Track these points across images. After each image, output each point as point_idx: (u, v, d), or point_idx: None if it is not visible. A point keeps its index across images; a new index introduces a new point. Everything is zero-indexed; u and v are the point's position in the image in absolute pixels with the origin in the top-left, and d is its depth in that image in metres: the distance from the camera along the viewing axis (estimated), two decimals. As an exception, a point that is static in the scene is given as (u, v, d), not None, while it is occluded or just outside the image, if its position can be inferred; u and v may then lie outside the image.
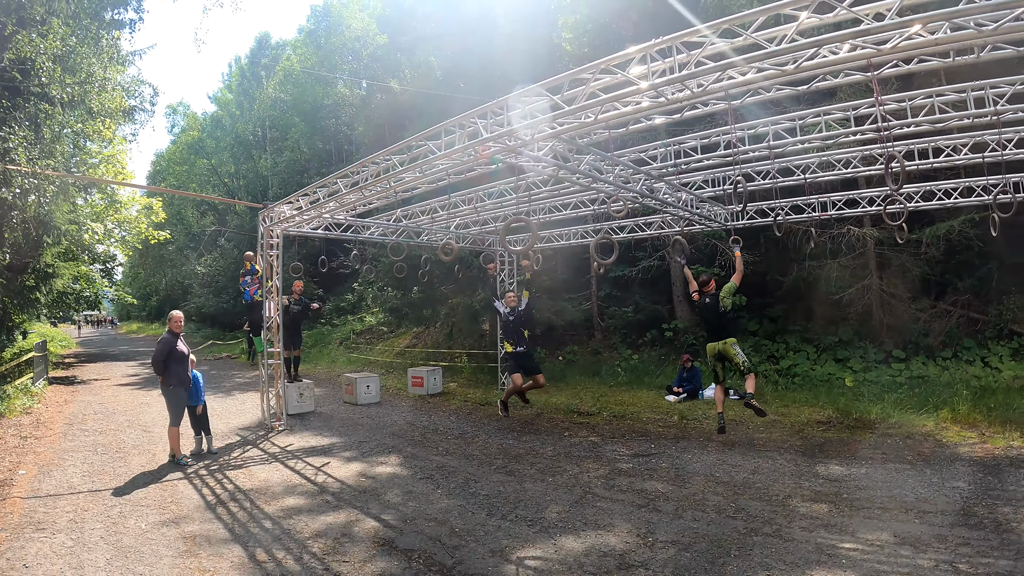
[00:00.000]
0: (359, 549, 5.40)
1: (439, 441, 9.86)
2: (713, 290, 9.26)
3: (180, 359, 8.63)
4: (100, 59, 12.59)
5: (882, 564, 4.83)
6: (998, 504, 6.08)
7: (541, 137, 5.87)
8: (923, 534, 5.42)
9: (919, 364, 13.09)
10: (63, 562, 5.22)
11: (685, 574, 4.78)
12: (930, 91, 7.20)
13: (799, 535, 5.50)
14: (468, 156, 6.50)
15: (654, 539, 5.49)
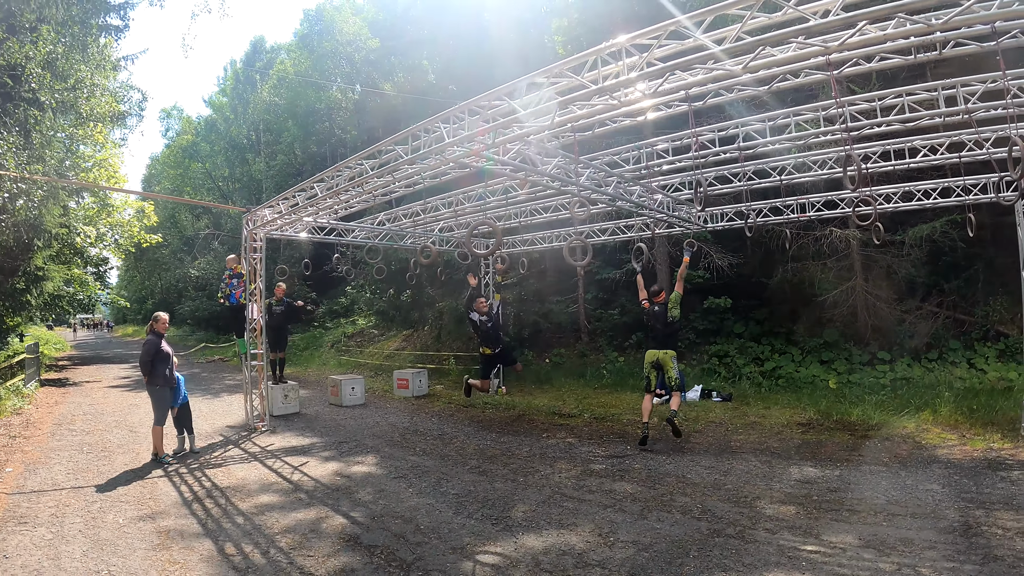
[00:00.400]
0: (325, 544, 5.63)
1: (417, 442, 10.08)
2: (663, 300, 9.48)
3: (164, 359, 8.93)
4: (89, 65, 12.84)
5: (842, 567, 4.88)
6: (970, 507, 6.12)
7: (503, 141, 6.09)
8: (889, 537, 5.46)
9: (904, 366, 13.21)
10: (41, 553, 5.46)
11: (641, 574, 4.90)
12: (900, 90, 7.22)
13: (762, 537, 5.59)
14: (434, 160, 6.74)
15: (615, 539, 5.62)
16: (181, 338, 43.66)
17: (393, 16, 26.35)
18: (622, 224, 12.64)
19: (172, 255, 44.44)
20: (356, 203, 9.99)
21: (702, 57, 4.57)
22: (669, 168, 9.30)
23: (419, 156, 6.56)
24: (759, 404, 12.17)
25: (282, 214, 10.12)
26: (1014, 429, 8.89)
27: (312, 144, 34.34)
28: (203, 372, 22.74)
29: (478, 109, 5.95)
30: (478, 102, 5.85)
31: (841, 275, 14.23)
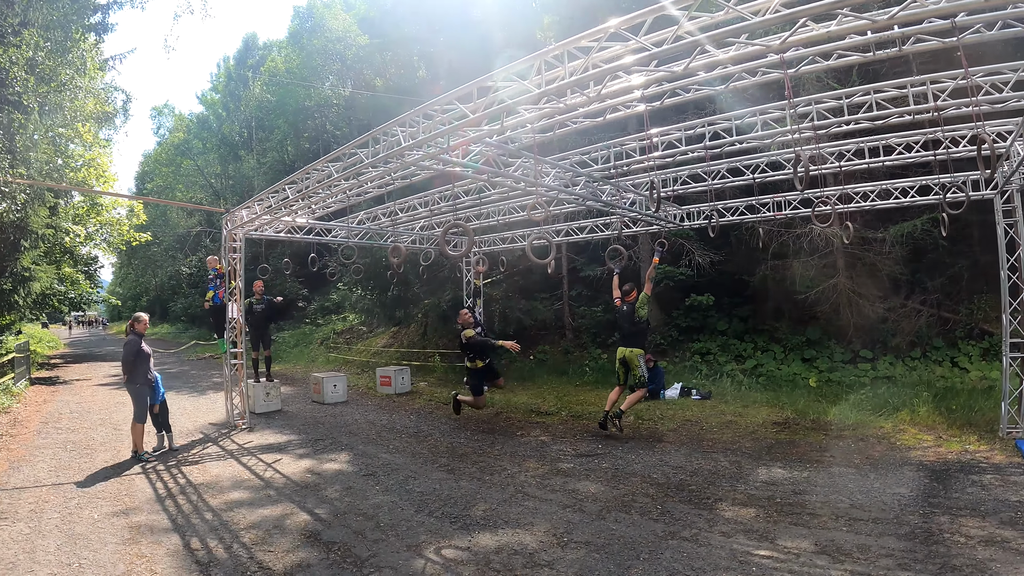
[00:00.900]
0: (286, 540, 5.90)
1: (392, 439, 10.35)
2: (633, 299, 9.78)
3: (145, 359, 9.22)
4: (73, 67, 13.10)
5: (792, 573, 4.92)
6: (936, 513, 6.08)
7: (458, 143, 6.32)
8: (846, 543, 5.45)
9: (886, 364, 13.34)
10: (18, 547, 5.76)
11: (583, 571, 5.05)
12: (868, 87, 7.29)
13: (716, 540, 5.64)
14: (393, 162, 6.99)
15: (569, 539, 5.75)
16: (174, 335, 44.04)
17: (382, 12, 26.48)
18: (600, 223, 12.87)
19: (164, 253, 44.79)
20: (332, 203, 10.27)
21: (644, 59, 4.67)
22: (638, 167, 9.47)
23: (378, 160, 6.82)
24: (737, 402, 12.29)
25: (258, 215, 10.38)
26: (992, 430, 8.92)
27: (304, 141, 34.59)
28: (192, 370, 23.08)
29: (432, 113, 6.18)
30: (431, 106, 6.06)
31: (824, 272, 14.33)
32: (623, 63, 4.68)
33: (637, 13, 4.52)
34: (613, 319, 12.42)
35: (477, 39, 20.56)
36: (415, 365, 18.50)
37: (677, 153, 8.39)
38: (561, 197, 8.96)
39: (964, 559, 5.00)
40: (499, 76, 5.27)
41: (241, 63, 46.59)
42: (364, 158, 7.11)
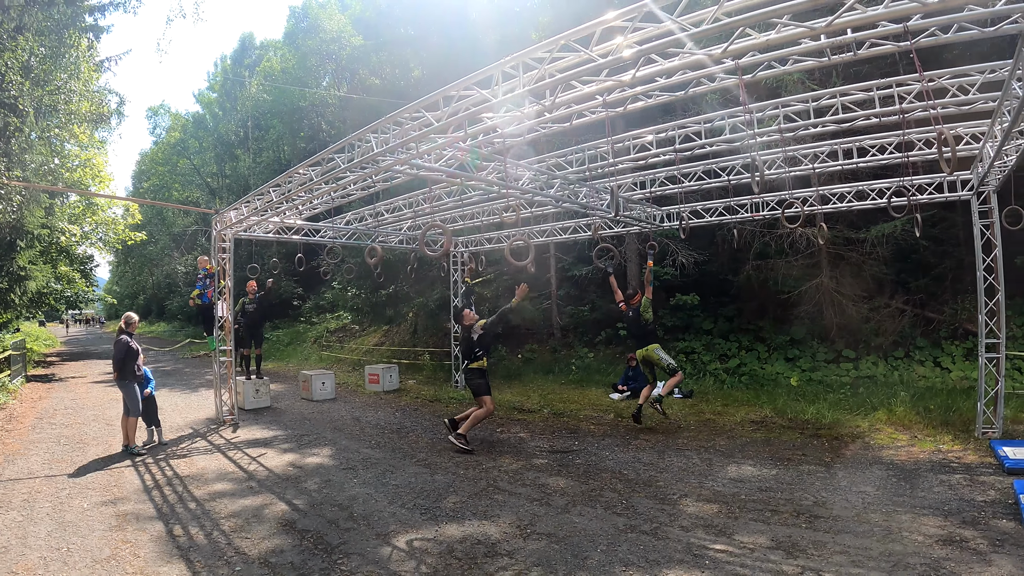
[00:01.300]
0: (263, 528, 6.27)
1: (375, 435, 10.74)
2: (637, 303, 10.14)
3: (134, 356, 9.61)
4: (68, 70, 13.50)
5: (744, 567, 5.05)
6: (898, 511, 6.20)
7: (428, 149, 6.69)
8: (803, 539, 5.59)
9: (869, 364, 13.57)
10: (11, 533, 6.15)
11: (544, 564, 5.24)
12: (834, 91, 7.51)
13: (674, 534, 5.84)
14: (369, 167, 7.38)
15: (532, 531, 6.01)
16: (170, 334, 44.47)
17: (377, 13, 26.84)
18: (583, 223, 13.22)
19: (161, 251, 45.30)
20: (318, 205, 10.65)
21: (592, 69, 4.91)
22: (612, 170, 9.77)
23: (354, 165, 7.21)
24: (718, 401, 12.55)
25: (246, 216, 10.76)
26: (968, 431, 9.06)
27: (300, 141, 34.94)
28: (186, 368, 23.51)
29: (402, 120, 6.54)
30: (401, 114, 6.43)
31: (808, 272, 14.60)
32: (576, 72, 4.96)
33: (586, 25, 4.76)
34: (613, 318, 12.70)
35: (471, 39, 20.92)
36: (405, 363, 18.89)
37: (650, 156, 8.71)
38: (537, 199, 9.29)
39: (919, 557, 5.11)
40: (461, 87, 5.62)
41: (238, 63, 46.95)
42: (341, 163, 7.50)
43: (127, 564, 5.42)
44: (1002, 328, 9.03)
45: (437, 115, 5.91)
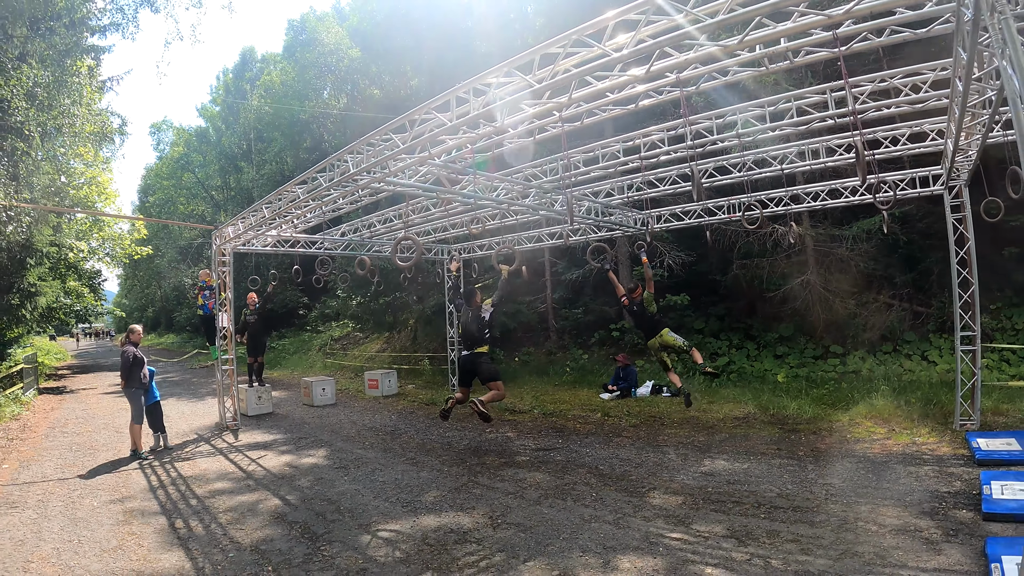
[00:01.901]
0: (256, 521, 6.91)
1: (369, 437, 11.39)
2: (639, 296, 10.35)
3: (139, 364, 10.34)
4: (72, 95, 14.28)
5: (695, 554, 5.41)
6: (859, 503, 6.44)
7: (397, 168, 7.32)
8: (758, 529, 5.90)
9: (856, 359, 13.91)
10: (27, 528, 6.82)
11: (508, 550, 5.72)
12: (788, 95, 7.90)
13: (635, 524, 6.23)
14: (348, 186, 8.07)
15: (502, 521, 6.50)
16: (179, 345, 45.39)
17: (373, 24, 27.46)
18: (568, 229, 13.77)
19: (168, 264, 46.30)
20: (311, 219, 11.33)
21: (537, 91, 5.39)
22: (585, 178, 10.27)
23: (334, 184, 7.89)
24: (705, 398, 12.83)
25: (242, 232, 11.45)
26: (947, 423, 9.25)
27: (302, 152, 35.73)
28: (193, 378, 24.33)
29: (374, 142, 7.17)
30: (372, 137, 7.06)
31: (796, 269, 15.03)
32: (521, 96, 5.51)
33: (525, 53, 5.31)
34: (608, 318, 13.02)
35: (466, 48, 21.55)
36: (405, 369, 19.58)
37: (618, 164, 9.27)
38: (513, 208, 9.89)
39: (869, 546, 5.34)
40: (422, 111, 6.26)
41: (239, 76, 47.85)
42: (323, 182, 8.17)
43: (132, 553, 6.06)
44: (977, 321, 9.33)
45: (402, 137, 6.54)
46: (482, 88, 5.67)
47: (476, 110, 5.75)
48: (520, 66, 5.35)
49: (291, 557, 5.81)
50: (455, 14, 22.98)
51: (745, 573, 5.02)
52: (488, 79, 5.59)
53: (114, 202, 23.71)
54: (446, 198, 9.00)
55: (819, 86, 7.80)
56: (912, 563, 4.97)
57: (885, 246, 14.22)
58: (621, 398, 13.80)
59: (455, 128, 5.96)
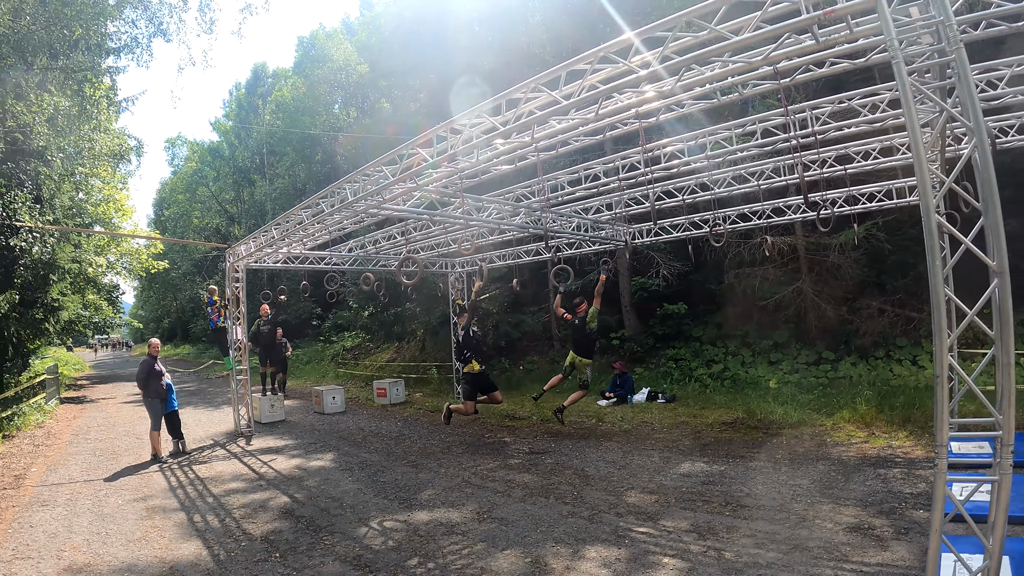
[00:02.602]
0: (267, 515, 7.72)
1: (374, 442, 12.19)
2: (584, 312, 11.50)
3: (157, 376, 11.25)
4: (91, 123, 15.31)
5: (657, 546, 5.93)
6: (822, 502, 6.83)
7: (393, 197, 8.19)
8: (719, 525, 6.35)
9: (847, 365, 14.35)
10: (58, 523, 7.67)
11: (489, 540, 6.35)
12: (754, 117, 8.47)
13: (607, 520, 6.78)
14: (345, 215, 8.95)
15: (488, 516, 7.15)
16: (195, 355, 46.59)
17: (381, 40, 28.36)
18: (564, 242, 14.56)
19: (183, 277, 47.71)
20: (320, 237, 12.19)
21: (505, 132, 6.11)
22: (571, 198, 11.07)
23: (335, 210, 8.80)
24: (697, 404, 13.46)
25: (253, 251, 12.36)
26: (927, 427, 9.43)
27: (315, 165, 36.81)
28: (210, 388, 25.32)
29: (369, 173, 8.02)
30: (367, 169, 7.92)
31: (789, 277, 15.63)
32: (491, 135, 6.25)
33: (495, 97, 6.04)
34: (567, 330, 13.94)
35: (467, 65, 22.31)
36: (413, 378, 20.43)
37: (599, 184, 10.04)
38: (503, 226, 10.69)
39: (819, 542, 5.72)
40: (410, 146, 7.10)
41: (251, 92, 49.29)
42: (325, 208, 9.07)
43: (154, 543, 6.89)
44: (954, 327, 9.91)
45: (392, 170, 7.40)
46: (458, 128, 6.49)
47: (454, 147, 6.57)
48: (490, 109, 6.16)
49: (296, 545, 6.61)
50: (457, 32, 23.69)
51: (699, 563, 5.52)
52: (461, 121, 6.42)
53: (130, 217, 24.95)
54: (436, 219, 9.83)
55: (779, 109, 8.22)
56: (856, 558, 5.34)
57: (877, 253, 14.67)
58: (617, 404, 14.45)
59: (437, 164, 6.78)
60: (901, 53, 3.76)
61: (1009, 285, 3.70)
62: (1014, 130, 8.14)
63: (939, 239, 3.84)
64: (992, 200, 3.68)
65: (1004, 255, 3.67)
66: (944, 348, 3.73)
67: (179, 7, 16.78)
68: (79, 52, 14.85)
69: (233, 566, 6.10)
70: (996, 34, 5.49)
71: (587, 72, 5.29)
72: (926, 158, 3.68)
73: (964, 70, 3.71)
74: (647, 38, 4.88)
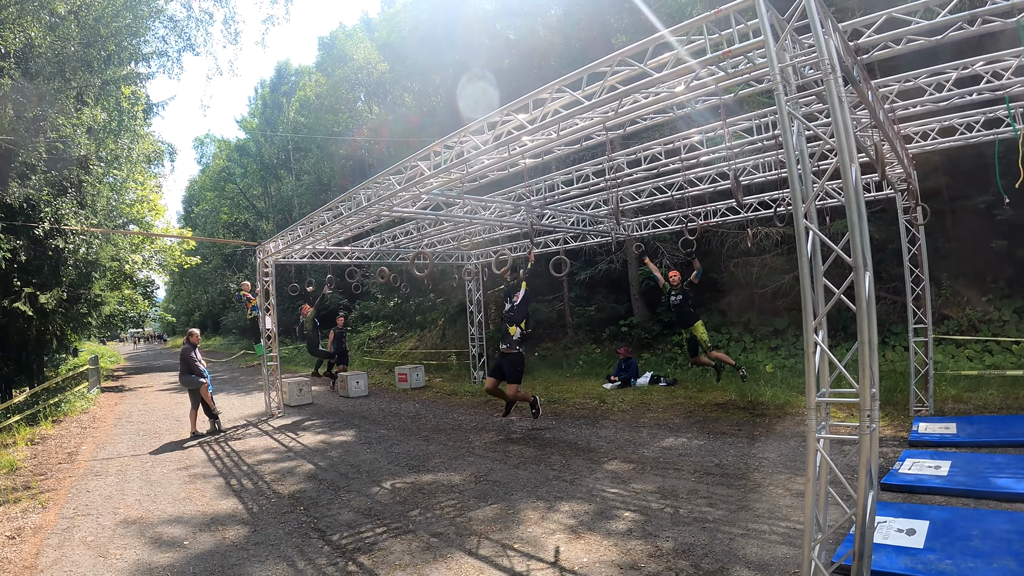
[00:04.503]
0: (293, 479, 9.06)
1: (393, 420, 13.53)
2: (677, 284, 12.46)
3: (194, 360, 12.67)
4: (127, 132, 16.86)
5: (622, 503, 6.82)
6: (781, 473, 7.52)
7: (401, 202, 9.47)
8: (682, 488, 7.18)
9: (843, 351, 14.72)
10: (112, 488, 9.05)
11: (480, 496, 7.47)
12: (687, 132, 9.37)
13: (585, 482, 7.72)
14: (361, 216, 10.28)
15: (482, 478, 8.25)
16: (226, 347, 48.63)
17: (401, 38, 29.42)
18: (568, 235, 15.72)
19: (214, 271, 49.75)
20: (342, 233, 13.52)
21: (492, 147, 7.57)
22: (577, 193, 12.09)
23: (352, 213, 10.13)
24: (695, 387, 14.33)
25: (280, 249, 13.78)
26: (902, 409, 10.28)
27: (339, 160, 38.23)
28: (241, 376, 27.06)
29: (380, 181, 9.31)
30: (377, 179, 9.24)
31: (789, 265, 16.45)
32: (481, 151, 7.40)
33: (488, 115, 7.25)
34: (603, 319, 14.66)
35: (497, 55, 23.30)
36: (434, 364, 21.84)
37: (591, 185, 11.14)
38: (503, 222, 11.91)
39: (766, 504, 6.46)
40: (410, 161, 8.34)
41: (275, 90, 50.95)
42: (343, 211, 10.40)
43: (197, 501, 8.24)
44: (927, 314, 10.66)
45: (398, 179, 8.69)
46: (450, 145, 7.71)
47: (448, 161, 7.82)
48: (481, 127, 7.32)
49: (318, 500, 7.92)
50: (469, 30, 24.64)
51: (654, 517, 6.38)
52: (451, 140, 7.63)
53: (163, 215, 26.63)
54: (443, 218, 11.11)
55: (713, 124, 9.16)
56: (794, 517, 6.02)
57: (875, 241, 15.52)
58: (621, 388, 15.58)
59: (435, 174, 8.04)
60: (781, 85, 4.71)
61: (865, 279, 4.53)
62: (963, 126, 9.18)
63: (807, 238, 4.78)
64: (857, 207, 4.57)
65: (859, 253, 4.53)
66: (810, 329, 4.68)
67: (205, 21, 18.16)
68: (113, 66, 16.33)
69: (264, 516, 7.41)
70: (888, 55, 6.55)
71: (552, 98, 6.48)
72: (797, 172, 4.67)
73: (833, 97, 4.52)
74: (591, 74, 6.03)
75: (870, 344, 4.57)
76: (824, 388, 4.71)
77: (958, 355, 13.76)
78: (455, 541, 6.20)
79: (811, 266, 4.69)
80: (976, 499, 6.27)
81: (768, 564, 5.21)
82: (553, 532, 6.29)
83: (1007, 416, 9.52)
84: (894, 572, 4.90)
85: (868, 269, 4.56)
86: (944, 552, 5.07)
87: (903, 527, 5.59)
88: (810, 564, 4.39)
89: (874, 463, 4.60)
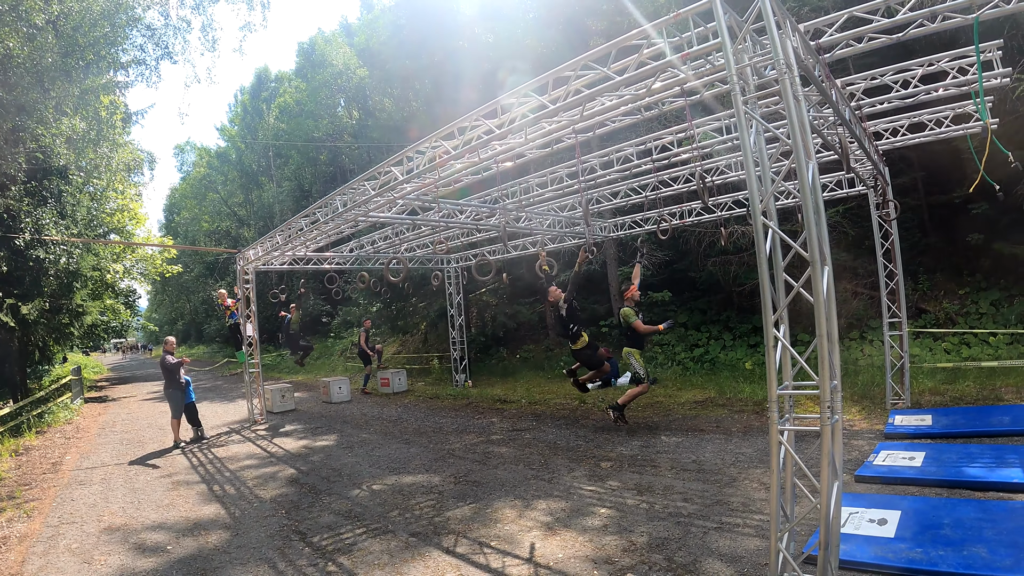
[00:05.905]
0: (275, 483, 9.12)
1: (374, 424, 13.59)
2: None
3: (176, 368, 12.68)
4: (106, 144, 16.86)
5: (598, 500, 6.95)
6: (756, 468, 7.62)
7: (377, 207, 9.57)
8: (658, 485, 7.30)
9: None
10: (96, 496, 9.07)
11: (458, 496, 7.60)
12: (660, 133, 9.60)
13: (562, 481, 7.87)
14: (338, 222, 10.37)
15: (461, 479, 8.39)
16: (209, 355, 48.44)
17: (380, 43, 29.49)
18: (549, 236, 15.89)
19: (196, 279, 49.57)
20: (321, 240, 13.59)
21: (461, 151, 7.75)
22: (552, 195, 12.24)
23: (328, 219, 10.19)
24: (675, 386, 14.45)
25: (260, 256, 13.82)
26: (879, 403, 10.42)
27: (321, 166, 38.26)
28: (224, 384, 27.00)
29: (355, 187, 9.40)
30: (352, 185, 9.34)
31: None
32: (452, 155, 7.50)
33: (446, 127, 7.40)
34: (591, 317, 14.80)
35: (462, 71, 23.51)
36: (416, 368, 21.90)
37: (565, 187, 11.30)
38: (479, 226, 12.02)
39: (741, 498, 6.64)
40: (383, 167, 8.44)
41: (255, 96, 50.84)
42: (320, 217, 10.47)
43: (180, 507, 8.28)
44: (902, 308, 10.86)
45: (373, 184, 8.78)
46: (422, 150, 7.83)
47: (418, 168, 7.94)
48: (451, 131, 7.44)
49: (299, 504, 7.98)
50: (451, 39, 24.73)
51: (629, 512, 6.50)
52: (423, 145, 7.76)
53: (144, 224, 26.55)
54: (418, 223, 11.22)
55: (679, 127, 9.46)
56: (767, 511, 5.95)
57: (852, 238, 15.63)
58: (602, 388, 15.63)
59: (408, 179, 8.14)
60: (738, 86, 4.79)
61: (822, 273, 4.62)
62: (932, 122, 9.40)
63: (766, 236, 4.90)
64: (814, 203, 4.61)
65: (815, 248, 4.57)
66: (770, 323, 4.82)
67: (183, 29, 18.17)
68: (91, 75, 16.31)
69: (246, 520, 7.47)
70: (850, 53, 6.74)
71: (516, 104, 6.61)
72: (756, 173, 4.80)
73: (788, 96, 4.57)
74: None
75: (829, 337, 4.67)
76: (787, 381, 4.73)
77: (936, 348, 13.89)
78: (433, 540, 6.31)
79: (771, 263, 4.68)
80: (949, 488, 6.38)
81: (740, 556, 5.33)
82: (529, 529, 6.40)
83: (982, 407, 9.65)
84: (863, 561, 5.02)
85: (827, 263, 4.63)
86: (914, 541, 5.18)
87: (875, 517, 5.70)
88: (778, 555, 4.51)
89: (837, 454, 4.71)
